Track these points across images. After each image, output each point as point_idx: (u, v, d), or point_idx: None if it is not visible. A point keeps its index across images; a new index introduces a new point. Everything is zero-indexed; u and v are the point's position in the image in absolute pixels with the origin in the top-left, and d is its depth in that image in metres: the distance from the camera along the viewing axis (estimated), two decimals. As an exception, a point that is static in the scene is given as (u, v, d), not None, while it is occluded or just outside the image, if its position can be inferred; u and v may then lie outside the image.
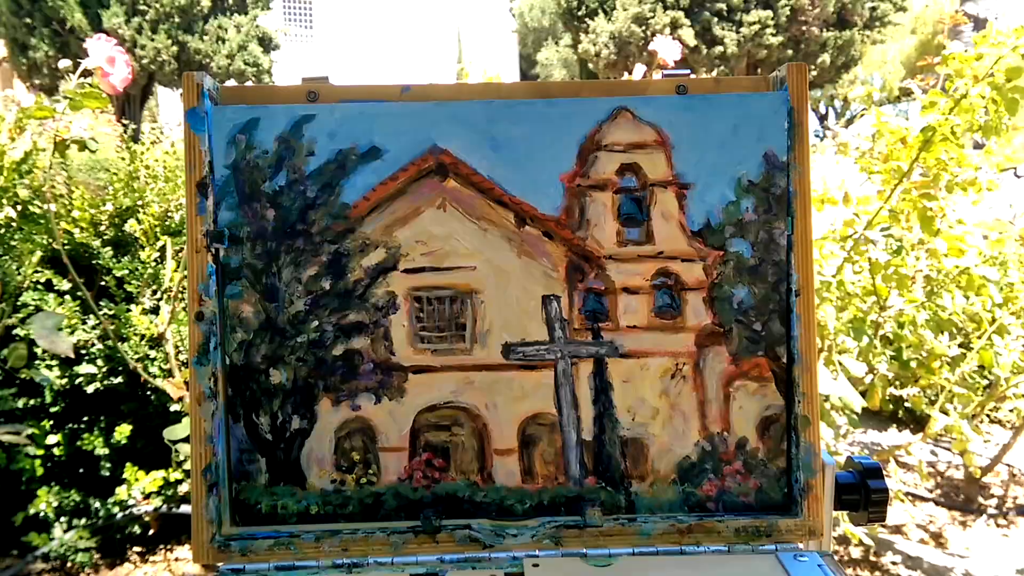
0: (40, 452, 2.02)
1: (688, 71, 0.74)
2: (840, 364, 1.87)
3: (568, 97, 0.71)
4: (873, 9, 19.37)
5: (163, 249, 2.28)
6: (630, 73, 2.42)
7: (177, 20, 13.92)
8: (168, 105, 20.09)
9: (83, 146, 1.81)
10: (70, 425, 2.11)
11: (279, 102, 0.70)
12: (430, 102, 0.70)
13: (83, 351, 2.10)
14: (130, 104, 14.61)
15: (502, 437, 0.70)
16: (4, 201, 1.97)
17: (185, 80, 0.68)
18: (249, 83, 15.56)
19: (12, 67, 14.86)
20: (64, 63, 1.78)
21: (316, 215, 0.69)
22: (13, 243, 1.99)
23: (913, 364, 2.09)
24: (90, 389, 2.07)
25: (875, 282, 1.91)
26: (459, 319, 0.70)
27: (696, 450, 0.70)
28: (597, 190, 0.70)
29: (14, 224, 2.02)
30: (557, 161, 0.69)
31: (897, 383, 2.16)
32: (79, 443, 2.07)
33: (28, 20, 13.82)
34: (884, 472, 0.66)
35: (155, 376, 2.12)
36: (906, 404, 2.14)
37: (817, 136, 19.23)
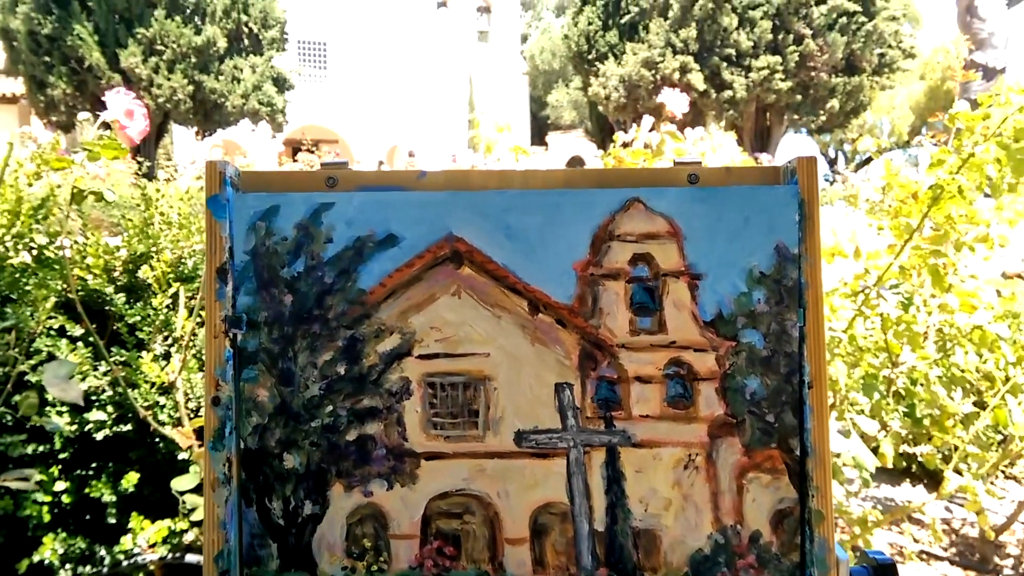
0: (48, 499, 2.01)
1: (698, 160, 0.75)
2: (852, 422, 1.86)
3: (582, 186, 0.72)
4: (882, 55, 19.55)
5: (175, 296, 2.30)
6: (638, 122, 2.45)
7: (193, 60, 14.19)
8: (182, 142, 20.40)
9: (100, 197, 1.84)
10: (78, 471, 2.10)
11: (299, 188, 0.72)
12: (446, 192, 0.71)
13: (93, 397, 2.11)
14: (145, 142, 14.85)
15: (514, 526, 0.70)
16: (20, 246, 2.00)
17: (208, 168, 0.70)
18: (263, 122, 15.79)
19: (30, 104, 15.15)
20: (83, 115, 1.82)
21: (333, 300, 0.70)
22: (28, 288, 2.01)
23: (926, 421, 2.08)
24: (99, 436, 2.07)
25: (887, 338, 1.90)
26: (472, 405, 0.70)
27: (709, 543, 0.69)
28: (610, 279, 0.71)
29: (29, 269, 2.04)
30: (571, 250, 0.70)
31: (910, 440, 2.14)
32: (87, 490, 2.06)
33: (47, 58, 14.10)
34: (898, 563, 0.66)
35: (164, 423, 2.12)
36: (919, 459, 2.11)
37: (827, 180, 19.33)
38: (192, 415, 2.11)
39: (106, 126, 1.75)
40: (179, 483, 1.85)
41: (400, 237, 0.70)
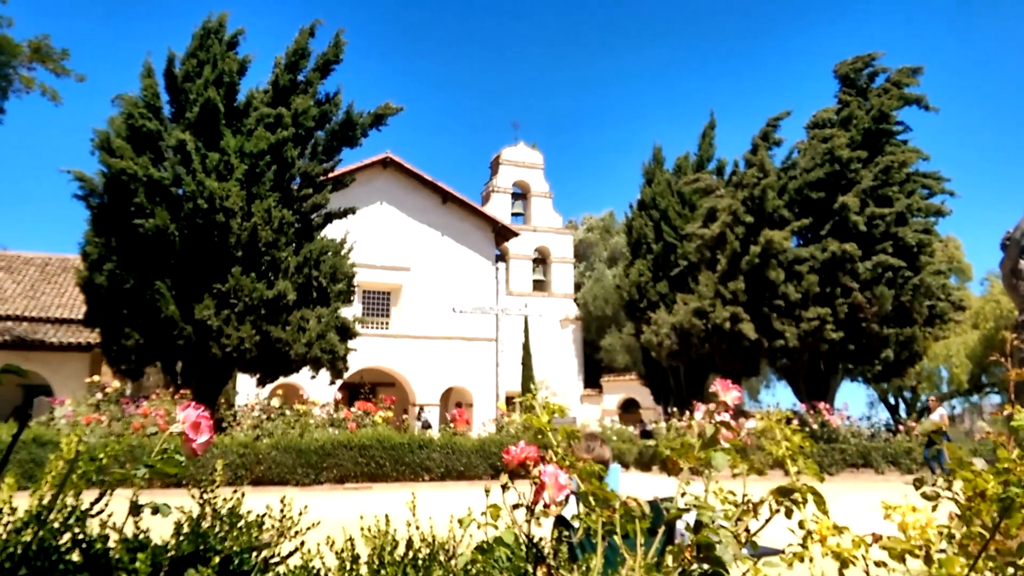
0: None
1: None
2: None
3: None
4: (932, 307, 19.62)
5: (217, 605, 2.17)
6: (695, 373, 2.36)
7: (263, 312, 14.74)
8: (244, 388, 20.95)
9: (155, 510, 1.80)
10: None
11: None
12: None
13: None
14: (207, 388, 15.23)
15: None
16: (72, 544, 1.94)
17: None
18: (323, 370, 16.12)
19: (102, 352, 15.64)
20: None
21: None
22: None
23: None
24: None
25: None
26: None
27: None
28: None
29: (76, 569, 1.96)
30: None
31: None
32: None
33: (125, 311, 14.69)
34: None
35: None
36: None
37: (889, 430, 18.57)
38: None
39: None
40: None
41: None
